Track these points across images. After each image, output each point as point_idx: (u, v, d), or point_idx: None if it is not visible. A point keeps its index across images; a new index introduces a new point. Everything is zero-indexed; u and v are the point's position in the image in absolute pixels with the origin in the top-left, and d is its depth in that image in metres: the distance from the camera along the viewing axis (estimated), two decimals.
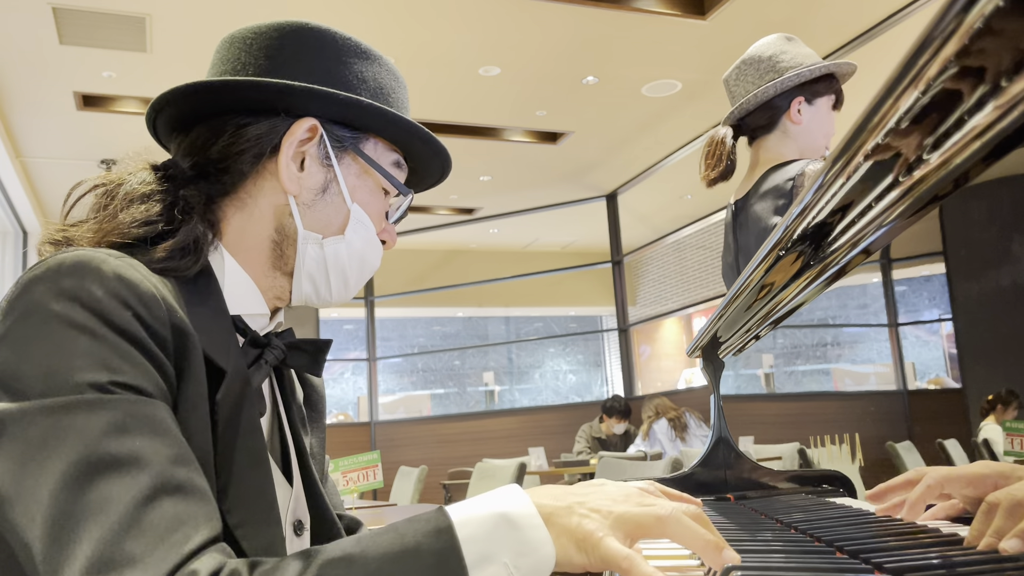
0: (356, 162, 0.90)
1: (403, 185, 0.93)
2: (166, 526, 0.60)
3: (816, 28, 4.81)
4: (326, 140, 0.88)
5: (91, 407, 0.63)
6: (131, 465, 0.62)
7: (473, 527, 0.60)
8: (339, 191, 0.88)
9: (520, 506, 0.61)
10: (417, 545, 0.59)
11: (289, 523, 0.86)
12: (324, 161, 0.88)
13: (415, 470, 4.84)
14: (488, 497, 0.63)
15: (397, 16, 4.50)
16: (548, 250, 10.00)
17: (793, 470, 1.30)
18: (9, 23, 4.33)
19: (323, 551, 0.60)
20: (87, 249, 0.72)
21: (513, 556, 0.59)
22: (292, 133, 0.86)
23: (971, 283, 7.22)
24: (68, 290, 0.67)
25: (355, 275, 0.91)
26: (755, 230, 1.77)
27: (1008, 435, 3.94)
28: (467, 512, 0.61)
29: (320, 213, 0.88)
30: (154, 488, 0.61)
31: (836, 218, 0.68)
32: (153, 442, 0.64)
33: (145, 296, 0.69)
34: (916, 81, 0.43)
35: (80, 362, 0.64)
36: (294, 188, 0.86)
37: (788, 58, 1.77)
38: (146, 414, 0.65)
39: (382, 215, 0.93)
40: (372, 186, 0.91)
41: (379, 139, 0.91)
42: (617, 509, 0.63)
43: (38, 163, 6.21)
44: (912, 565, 0.56)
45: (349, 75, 0.89)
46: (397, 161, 0.93)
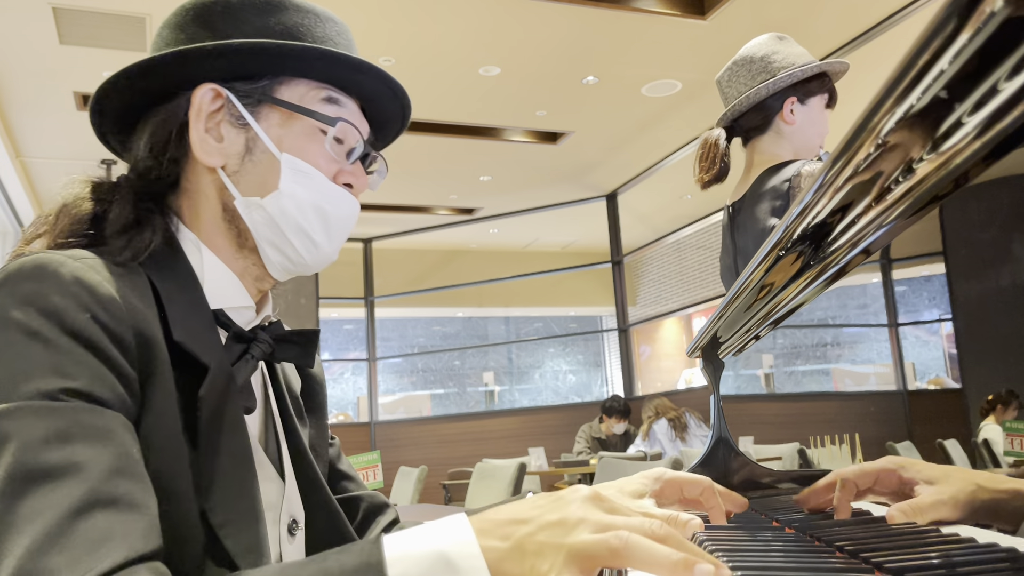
0: (275, 111, 0.84)
1: (327, 116, 0.85)
2: (93, 540, 0.57)
3: (816, 28, 4.81)
4: (233, 100, 0.83)
5: (36, 413, 0.61)
6: (67, 475, 0.60)
7: (406, 565, 0.54)
8: (265, 147, 0.84)
9: (463, 544, 0.55)
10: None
11: (284, 523, 0.85)
12: (239, 122, 0.84)
13: (415, 470, 4.84)
14: (430, 530, 0.56)
15: (397, 16, 4.50)
16: (548, 250, 10.00)
17: (793, 470, 1.30)
18: (9, 23, 4.33)
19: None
20: (48, 252, 0.71)
21: None
22: (193, 105, 0.82)
23: (971, 283, 7.22)
24: (26, 295, 0.66)
25: (318, 228, 0.85)
26: (753, 232, 1.77)
27: (1008, 435, 3.95)
28: (403, 548, 0.55)
29: (252, 175, 0.84)
30: (87, 501, 0.59)
31: (836, 218, 0.68)
32: (95, 451, 0.62)
33: (104, 298, 0.68)
34: (916, 81, 0.43)
35: (32, 369, 0.63)
36: (217, 160, 0.83)
37: (780, 58, 1.77)
38: (93, 423, 0.63)
39: (331, 158, 0.86)
40: (304, 130, 0.85)
41: (298, 80, 0.85)
42: (568, 541, 0.55)
43: (38, 163, 6.21)
44: (912, 565, 0.56)
45: (248, 29, 0.84)
46: (328, 97, 0.86)
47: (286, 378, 0.95)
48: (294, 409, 0.93)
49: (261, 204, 0.83)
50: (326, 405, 1.02)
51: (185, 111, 0.83)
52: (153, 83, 0.83)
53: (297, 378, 0.99)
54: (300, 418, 0.94)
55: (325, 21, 0.89)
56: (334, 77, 0.87)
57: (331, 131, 0.85)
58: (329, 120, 0.85)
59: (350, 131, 0.87)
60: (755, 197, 1.78)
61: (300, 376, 1.00)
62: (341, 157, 0.87)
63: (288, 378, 0.96)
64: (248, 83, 0.84)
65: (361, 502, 1.02)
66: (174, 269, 0.80)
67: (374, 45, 4.78)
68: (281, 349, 0.87)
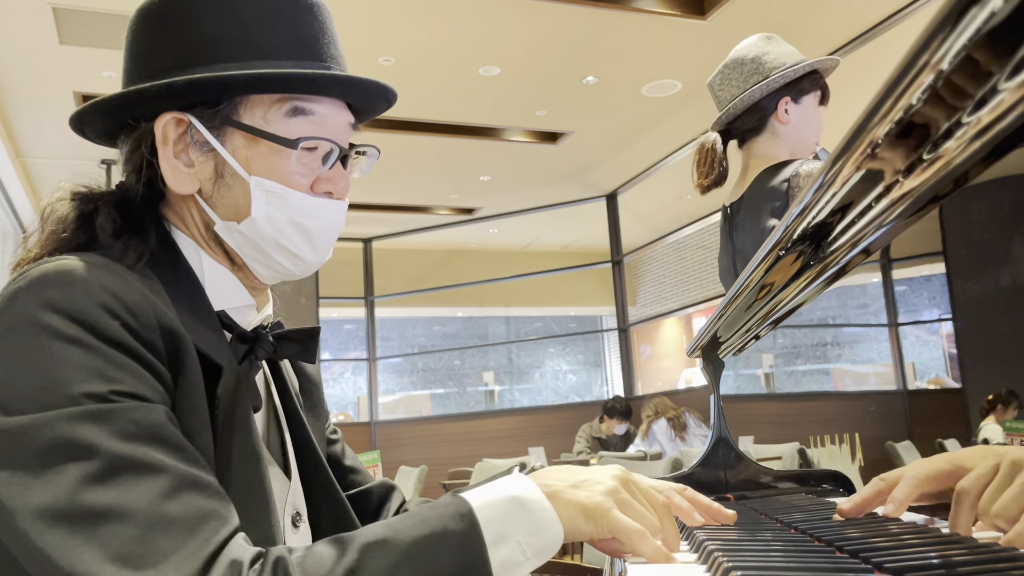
0: (239, 132, 0.82)
1: (286, 139, 0.81)
2: (193, 519, 0.61)
3: (816, 28, 4.81)
4: (197, 125, 0.81)
5: (94, 417, 0.63)
6: (146, 467, 0.62)
7: (489, 510, 0.65)
8: (234, 171, 0.82)
9: (529, 491, 0.67)
10: (444, 528, 0.64)
11: (288, 515, 0.87)
12: (205, 147, 0.82)
13: (415, 470, 4.84)
14: (499, 483, 0.68)
15: (397, 16, 4.50)
16: (548, 250, 10.00)
17: (793, 470, 1.30)
18: (9, 23, 4.33)
19: (358, 536, 0.64)
20: (69, 258, 0.71)
21: (525, 536, 0.65)
22: (157, 136, 0.81)
23: (971, 283, 7.27)
24: (54, 301, 0.67)
25: (300, 243, 0.84)
26: (752, 232, 1.77)
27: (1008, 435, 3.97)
28: (482, 497, 0.66)
29: (226, 199, 0.83)
30: (173, 485, 0.62)
31: (836, 218, 0.68)
32: (162, 445, 0.64)
33: (132, 304, 0.69)
34: (916, 81, 0.43)
35: (75, 374, 0.64)
36: (190, 186, 0.82)
37: (771, 58, 1.77)
38: (150, 420, 0.65)
39: (303, 171, 0.83)
40: (271, 148, 0.82)
41: (261, 96, 0.82)
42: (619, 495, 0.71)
43: (38, 163, 6.21)
44: (912, 565, 0.56)
45: (201, 38, 0.81)
46: (294, 108, 0.82)
47: (288, 375, 0.97)
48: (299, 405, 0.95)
49: (239, 229, 0.83)
50: (322, 403, 1.03)
51: (152, 141, 0.82)
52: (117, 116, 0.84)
53: (294, 376, 1.00)
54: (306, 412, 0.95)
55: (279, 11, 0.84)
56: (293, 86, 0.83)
57: (294, 153, 0.82)
58: (289, 143, 0.81)
59: (318, 142, 0.84)
60: (753, 198, 1.78)
61: (296, 375, 1.01)
62: (317, 164, 0.84)
63: (289, 375, 0.98)
64: (208, 108, 0.81)
65: (372, 494, 1.06)
66: (176, 272, 0.81)
67: (374, 45, 4.78)
68: (283, 347, 0.88)
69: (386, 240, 8.94)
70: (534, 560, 0.65)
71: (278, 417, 0.92)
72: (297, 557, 0.62)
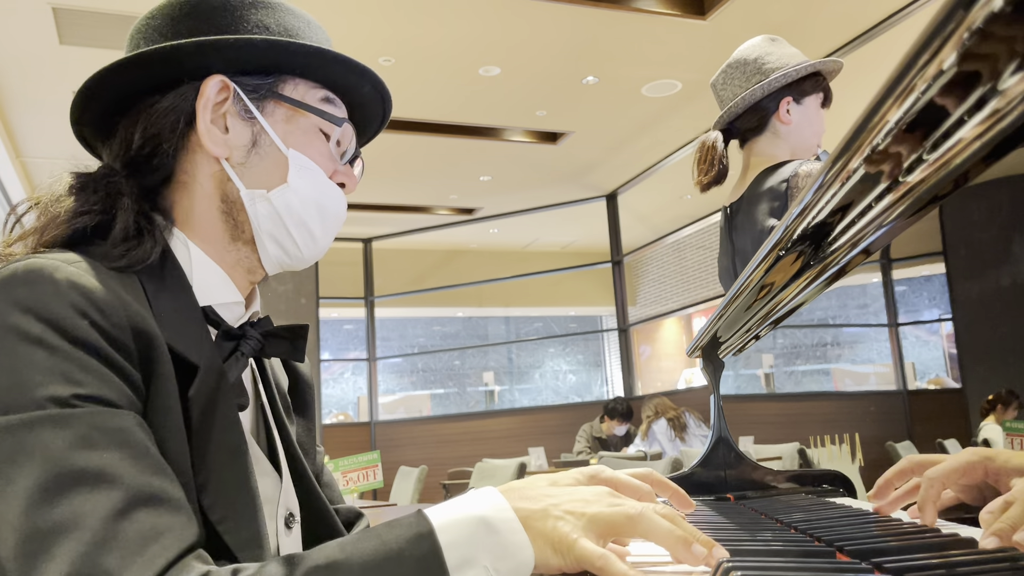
0: (281, 107, 0.86)
1: (335, 116, 0.88)
2: (142, 538, 0.59)
3: (816, 28, 4.81)
4: (240, 93, 0.84)
5: (55, 422, 0.61)
6: (101, 479, 0.60)
7: (453, 532, 0.60)
8: (271, 141, 0.85)
9: (498, 510, 0.62)
10: (400, 551, 0.59)
11: (280, 516, 0.86)
12: (245, 115, 0.85)
13: (415, 470, 4.84)
14: (466, 500, 0.63)
15: (397, 16, 4.50)
16: (548, 250, 10.00)
17: (793, 470, 1.30)
18: (9, 23, 4.33)
19: (307, 557, 0.60)
20: (40, 256, 0.70)
21: (493, 560, 0.60)
22: (202, 95, 0.83)
23: (971, 283, 7.28)
24: (21, 301, 0.65)
25: (317, 223, 0.87)
26: (751, 232, 1.77)
27: (1008, 435, 3.97)
28: (447, 516, 0.61)
29: (257, 168, 0.85)
30: (127, 501, 0.60)
31: (836, 218, 0.68)
32: (122, 454, 0.62)
33: (101, 303, 0.68)
34: (916, 81, 0.43)
35: (39, 377, 0.63)
36: (222, 151, 0.84)
37: (774, 59, 1.78)
38: (113, 426, 0.63)
39: (328, 157, 0.89)
40: (306, 128, 0.87)
41: (299, 79, 0.87)
42: (590, 510, 0.63)
43: (38, 163, 6.21)
44: (912, 565, 0.56)
45: (248, 26, 0.85)
46: (325, 97, 0.88)
47: (274, 375, 0.96)
48: (283, 406, 0.94)
49: (267, 197, 0.84)
50: (314, 405, 1.02)
51: (193, 100, 0.83)
52: (166, 70, 0.83)
53: (285, 376, 0.99)
54: (288, 415, 0.95)
55: (313, 26, 0.90)
56: (331, 79, 0.89)
57: (336, 131, 0.88)
58: (336, 120, 0.88)
59: (348, 132, 0.90)
60: (752, 198, 1.78)
61: (288, 375, 1.00)
62: (337, 157, 0.90)
63: (276, 375, 0.96)
64: (254, 78, 0.85)
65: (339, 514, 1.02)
66: (162, 268, 0.80)
67: (374, 45, 4.78)
68: (270, 345, 0.87)
69: (386, 240, 8.94)
70: None
71: (267, 416, 0.91)
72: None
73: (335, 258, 8.59)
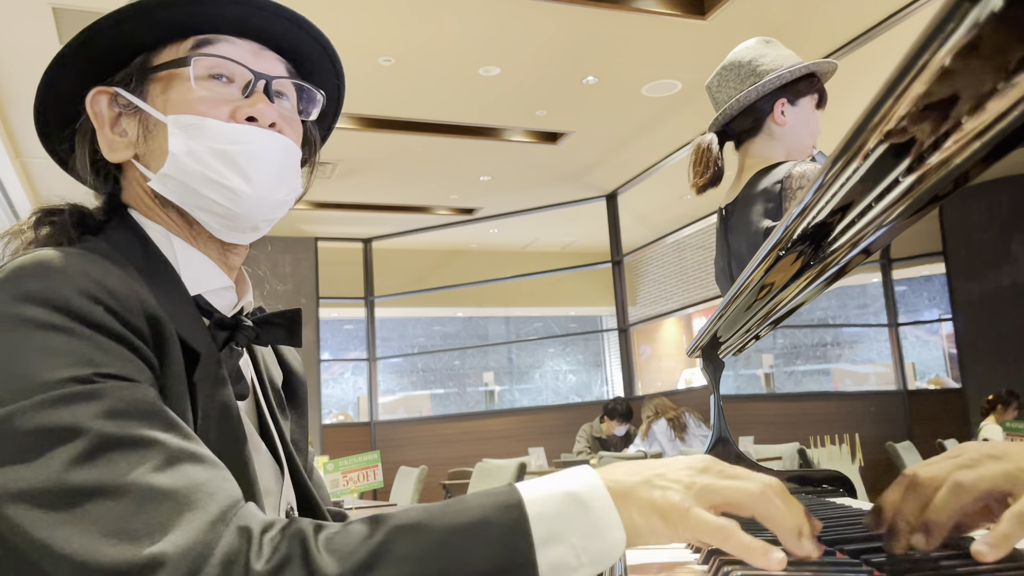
0: (154, 82, 0.84)
1: (178, 59, 0.82)
2: (190, 490, 0.59)
3: (816, 28, 4.81)
4: (120, 91, 0.84)
5: (80, 398, 0.61)
6: (135, 444, 0.60)
7: (542, 504, 0.57)
8: (156, 120, 0.83)
9: (592, 487, 0.59)
10: (486, 518, 0.57)
11: (282, 509, 0.85)
12: (131, 109, 0.84)
13: (415, 470, 4.84)
14: (560, 476, 0.60)
15: (397, 16, 4.50)
16: (548, 250, 9.99)
17: (793, 470, 1.30)
18: (9, 23, 4.33)
19: (391, 517, 0.58)
20: (46, 250, 0.70)
21: (582, 538, 0.57)
22: (91, 115, 0.84)
23: (971, 283, 7.24)
24: (34, 293, 0.65)
25: (228, 173, 0.81)
26: (746, 234, 1.77)
27: (1008, 435, 3.96)
28: (537, 490, 0.59)
29: (153, 150, 0.83)
30: (166, 459, 0.60)
31: (836, 218, 0.68)
32: (153, 421, 0.63)
33: (113, 289, 0.68)
34: (916, 81, 0.43)
35: (59, 361, 0.63)
36: (126, 153, 0.85)
37: (768, 61, 1.78)
38: (137, 397, 0.63)
39: (221, 100, 0.83)
40: (183, 86, 0.82)
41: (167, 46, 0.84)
42: (700, 480, 0.60)
43: (38, 163, 6.21)
44: (912, 565, 0.56)
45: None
46: (196, 42, 0.83)
47: (267, 368, 0.95)
48: (276, 401, 0.93)
49: (165, 173, 0.82)
50: (307, 401, 1.02)
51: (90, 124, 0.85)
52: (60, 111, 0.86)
53: (279, 371, 0.99)
54: (282, 410, 0.94)
55: None
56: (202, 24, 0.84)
57: (187, 70, 0.82)
58: (181, 61, 0.82)
59: (230, 66, 0.84)
60: (747, 199, 1.78)
61: (282, 370, 0.99)
62: (234, 95, 0.84)
63: (269, 370, 0.96)
64: (123, 70, 0.85)
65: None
66: (149, 262, 0.80)
67: (374, 45, 4.78)
68: (266, 332, 0.87)
69: (386, 240, 8.93)
70: (590, 568, 0.57)
71: (262, 409, 0.91)
72: (327, 534, 0.58)
73: (335, 258, 8.59)
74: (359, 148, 6.23)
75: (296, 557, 0.55)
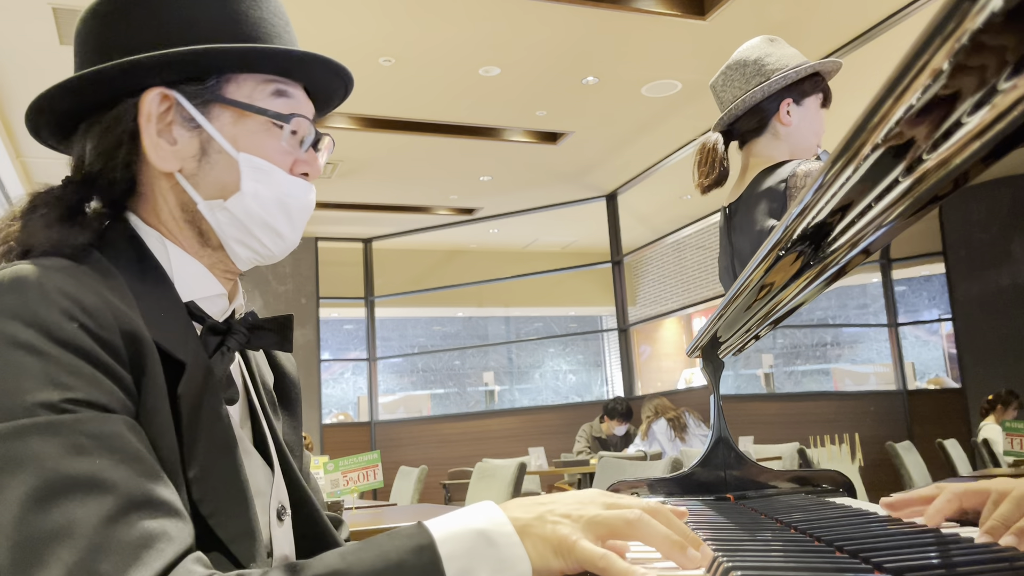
0: (227, 109, 0.83)
1: (281, 113, 0.84)
2: (137, 543, 0.59)
3: (816, 28, 4.81)
4: (182, 101, 0.82)
5: (45, 430, 0.61)
6: (94, 486, 0.60)
7: (453, 544, 0.61)
8: (220, 147, 0.82)
9: (497, 524, 0.63)
10: (401, 561, 0.60)
11: (273, 508, 0.86)
12: (191, 124, 0.82)
13: (415, 470, 4.84)
14: (465, 514, 0.64)
15: (397, 16, 4.50)
16: (548, 250, 10.00)
17: (793, 470, 1.30)
18: (9, 23, 4.33)
19: (309, 566, 0.60)
20: (25, 264, 0.70)
21: (491, 572, 0.61)
22: (142, 112, 0.81)
23: (971, 283, 7.26)
24: (9, 308, 0.65)
25: (282, 222, 0.85)
26: (750, 233, 1.77)
27: (1008, 435, 3.96)
28: (447, 529, 0.62)
29: (210, 177, 0.82)
30: (120, 506, 0.60)
31: (836, 218, 0.68)
32: (114, 460, 0.62)
33: (90, 307, 0.68)
34: (916, 81, 0.43)
35: (29, 383, 0.63)
36: (173, 164, 0.82)
37: (773, 60, 1.78)
38: (105, 431, 0.63)
39: (285, 150, 0.85)
40: (257, 126, 0.83)
41: (245, 75, 0.83)
42: (587, 512, 0.65)
43: (38, 163, 6.21)
44: (912, 565, 0.56)
45: (177, 22, 0.81)
46: (277, 90, 0.84)
47: (259, 370, 0.96)
48: (268, 401, 0.94)
49: (225, 206, 0.82)
50: (300, 403, 1.02)
51: (134, 117, 0.81)
52: (98, 93, 0.82)
53: (270, 373, 0.99)
54: (273, 410, 0.95)
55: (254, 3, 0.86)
56: (280, 69, 0.85)
57: (287, 127, 0.84)
58: (283, 118, 0.84)
59: (303, 122, 0.86)
60: (751, 198, 1.78)
61: (273, 372, 1.00)
62: (295, 148, 0.87)
63: (261, 371, 0.97)
64: (195, 84, 0.82)
65: None
66: (141, 267, 0.80)
67: (374, 45, 4.78)
68: (257, 337, 0.87)
69: (386, 240, 8.93)
70: None
71: (255, 411, 0.91)
72: None
73: (335, 258, 8.59)
74: (359, 148, 6.23)
75: None
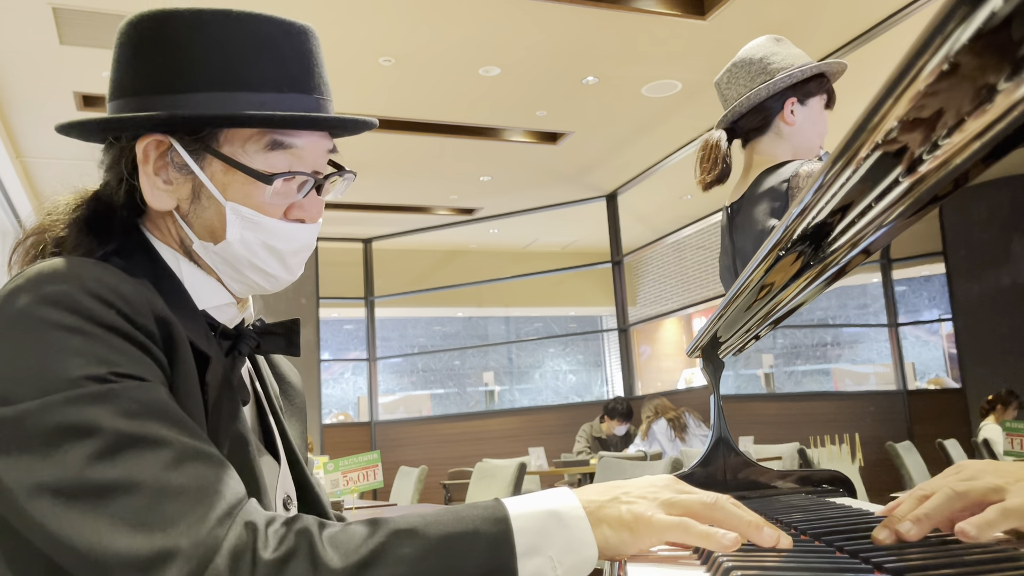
0: (217, 160, 0.84)
1: (261, 173, 0.83)
2: (200, 487, 0.63)
3: (816, 28, 4.81)
4: (177, 147, 0.83)
5: (97, 398, 0.65)
6: (149, 441, 0.64)
7: (526, 520, 0.65)
8: (211, 194, 0.84)
9: (570, 507, 0.67)
10: (475, 529, 0.64)
11: (279, 498, 0.90)
12: (185, 169, 0.84)
13: (415, 470, 4.84)
14: (541, 495, 0.68)
15: (397, 16, 4.50)
16: (548, 250, 10.00)
17: (793, 470, 1.30)
18: (9, 23, 4.33)
19: (390, 521, 0.64)
20: (64, 258, 0.74)
21: (559, 552, 0.64)
22: (138, 153, 0.83)
23: (971, 283, 7.26)
24: (51, 296, 0.69)
25: (272, 263, 0.86)
26: (752, 232, 1.77)
27: (1008, 435, 3.96)
28: (522, 507, 0.66)
29: (201, 220, 0.85)
30: (176, 458, 0.64)
31: (836, 218, 0.68)
32: (164, 420, 0.67)
33: (126, 294, 0.72)
34: (916, 81, 0.43)
35: (75, 360, 0.66)
36: (166, 203, 0.84)
37: (779, 59, 1.78)
38: (150, 398, 0.67)
39: (282, 199, 0.85)
40: (246, 178, 0.84)
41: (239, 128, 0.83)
42: (662, 495, 0.69)
43: (38, 163, 6.21)
44: (912, 565, 0.56)
45: (186, 65, 0.82)
46: (273, 142, 0.83)
47: (267, 376, 1.01)
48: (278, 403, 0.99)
49: (214, 250, 0.86)
50: (305, 410, 1.07)
51: (132, 157, 0.84)
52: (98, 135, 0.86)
53: (274, 383, 1.03)
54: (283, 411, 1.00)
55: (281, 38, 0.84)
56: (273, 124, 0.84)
57: (269, 188, 0.84)
58: (265, 179, 0.83)
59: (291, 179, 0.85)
60: (753, 198, 1.78)
61: (278, 384, 1.04)
62: (292, 193, 0.86)
63: (269, 377, 1.02)
64: (190, 134, 0.83)
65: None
66: (157, 275, 0.83)
67: (374, 45, 4.78)
68: (266, 342, 0.91)
69: (386, 240, 8.94)
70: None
71: (263, 410, 0.96)
72: (330, 531, 0.63)
73: (335, 258, 8.59)
74: (359, 148, 6.23)
75: (302, 549, 0.61)
